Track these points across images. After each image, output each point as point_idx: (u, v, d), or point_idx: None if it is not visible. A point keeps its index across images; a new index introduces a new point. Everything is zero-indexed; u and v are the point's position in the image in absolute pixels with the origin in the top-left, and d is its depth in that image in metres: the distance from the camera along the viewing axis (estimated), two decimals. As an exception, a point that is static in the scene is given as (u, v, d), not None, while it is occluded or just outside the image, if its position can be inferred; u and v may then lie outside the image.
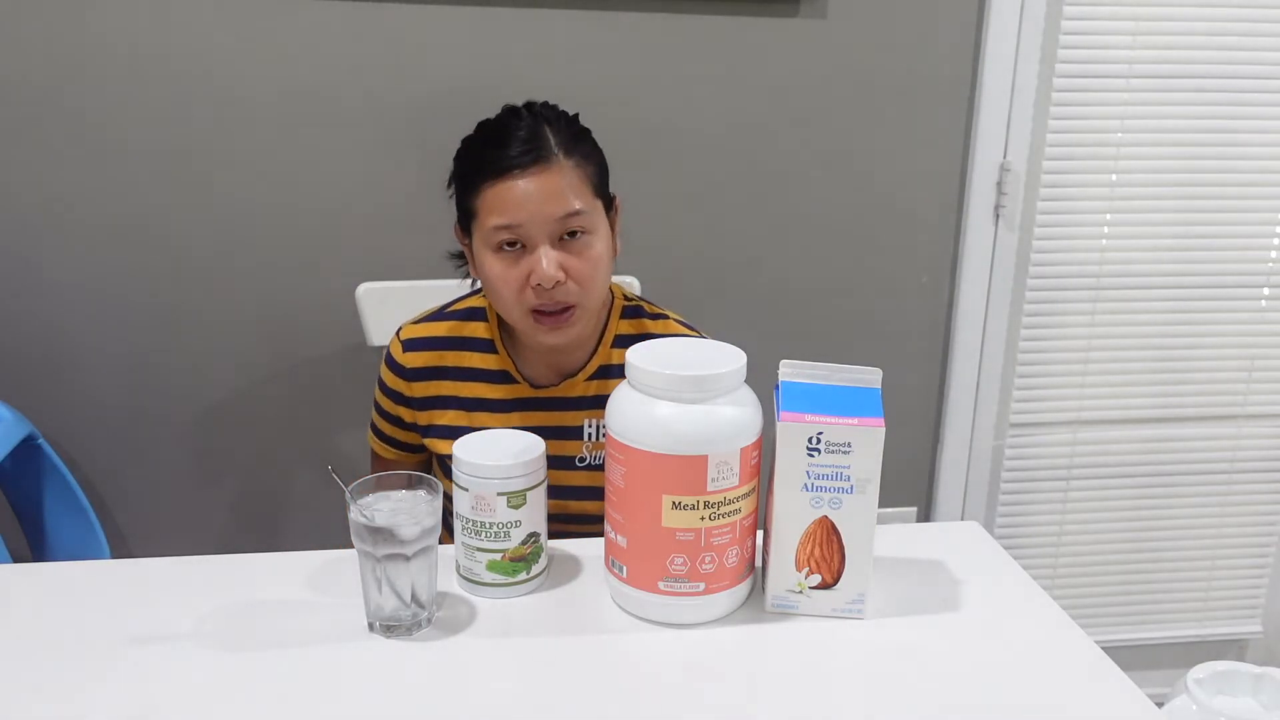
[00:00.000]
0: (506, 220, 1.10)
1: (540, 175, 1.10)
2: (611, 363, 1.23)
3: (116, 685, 0.85)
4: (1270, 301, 1.96)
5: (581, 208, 1.12)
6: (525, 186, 1.10)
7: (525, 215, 1.10)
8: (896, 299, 1.87)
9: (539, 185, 1.10)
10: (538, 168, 1.10)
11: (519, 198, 1.10)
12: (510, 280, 1.13)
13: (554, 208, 1.10)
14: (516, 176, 1.10)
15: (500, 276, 1.13)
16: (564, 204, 1.11)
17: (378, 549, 0.90)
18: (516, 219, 1.10)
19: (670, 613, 0.94)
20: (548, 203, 1.10)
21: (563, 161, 1.12)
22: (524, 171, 1.10)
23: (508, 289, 1.13)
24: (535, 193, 1.10)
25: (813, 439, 0.91)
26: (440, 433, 1.25)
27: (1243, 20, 1.79)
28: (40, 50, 1.55)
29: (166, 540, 1.79)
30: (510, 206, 1.10)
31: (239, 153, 1.63)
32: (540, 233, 1.11)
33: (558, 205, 1.10)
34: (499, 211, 1.11)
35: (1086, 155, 1.84)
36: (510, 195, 1.10)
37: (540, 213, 1.10)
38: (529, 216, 1.10)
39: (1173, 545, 2.10)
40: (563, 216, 1.11)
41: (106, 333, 1.68)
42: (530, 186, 1.10)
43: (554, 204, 1.10)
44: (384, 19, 1.59)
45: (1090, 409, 2.00)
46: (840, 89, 1.73)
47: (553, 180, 1.10)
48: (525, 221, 1.10)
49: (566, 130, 1.15)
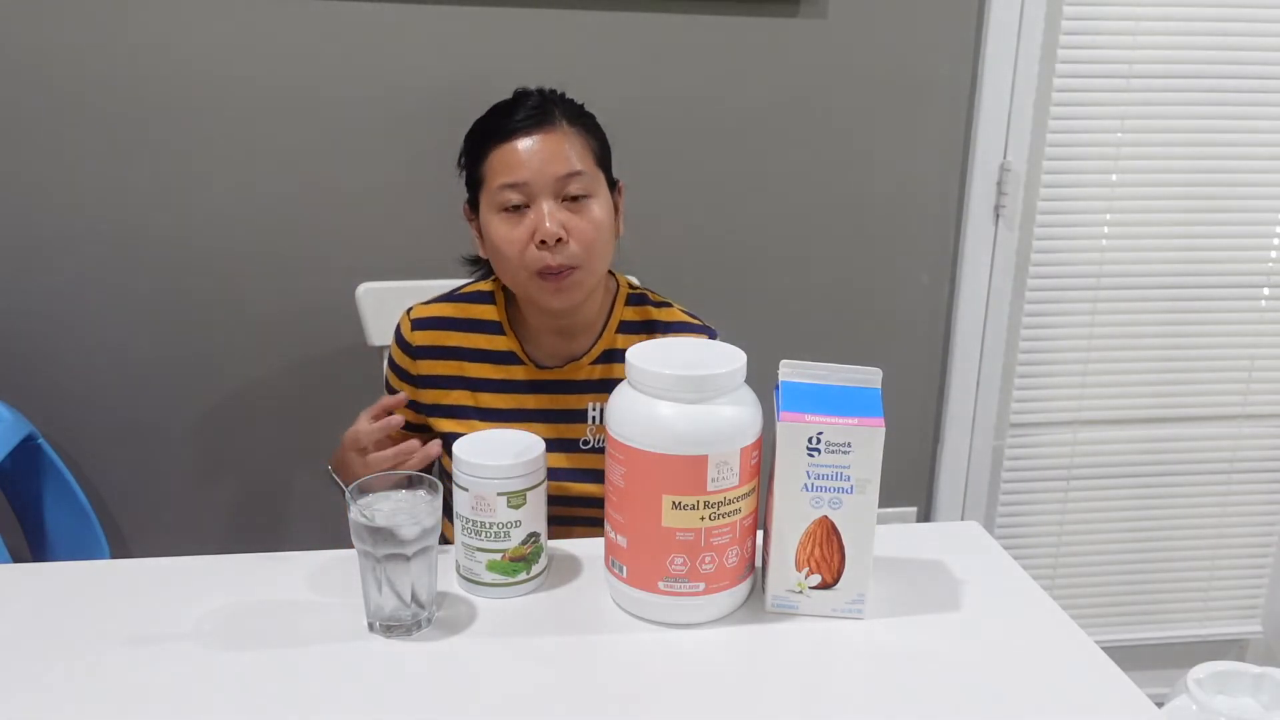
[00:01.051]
0: (511, 179, 1.15)
1: (544, 136, 1.15)
2: (616, 347, 1.25)
3: (116, 685, 0.85)
4: (1270, 301, 1.96)
5: (583, 170, 1.16)
6: (529, 145, 1.15)
7: (529, 173, 1.14)
8: (896, 299, 1.87)
9: (542, 145, 1.15)
10: (542, 130, 1.16)
11: (523, 156, 1.15)
12: (515, 240, 1.16)
13: (556, 166, 1.15)
14: (521, 136, 1.15)
15: (505, 237, 1.16)
16: (566, 164, 1.15)
17: (378, 549, 0.90)
18: (521, 177, 1.14)
19: (670, 613, 0.94)
20: (551, 162, 1.15)
21: (566, 128, 1.17)
22: (528, 133, 1.15)
23: (512, 249, 1.16)
24: (539, 151, 1.15)
25: (813, 439, 0.91)
26: (445, 412, 1.26)
27: (1243, 20, 1.79)
28: (40, 50, 1.55)
29: (166, 540, 1.79)
30: (515, 165, 1.15)
31: (239, 152, 1.63)
32: (543, 190, 1.15)
33: (560, 164, 1.15)
34: (504, 171, 1.15)
35: (1086, 155, 1.84)
36: (515, 156, 1.15)
37: (543, 171, 1.14)
38: (532, 175, 1.14)
39: (1173, 545, 2.10)
40: (564, 175, 1.15)
41: (106, 333, 1.68)
42: (534, 145, 1.15)
43: (557, 163, 1.15)
44: (384, 19, 1.59)
45: (1090, 409, 2.00)
46: (840, 89, 1.73)
47: (556, 141, 1.16)
48: (529, 180, 1.14)
49: (572, 107, 1.21)
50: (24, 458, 1.60)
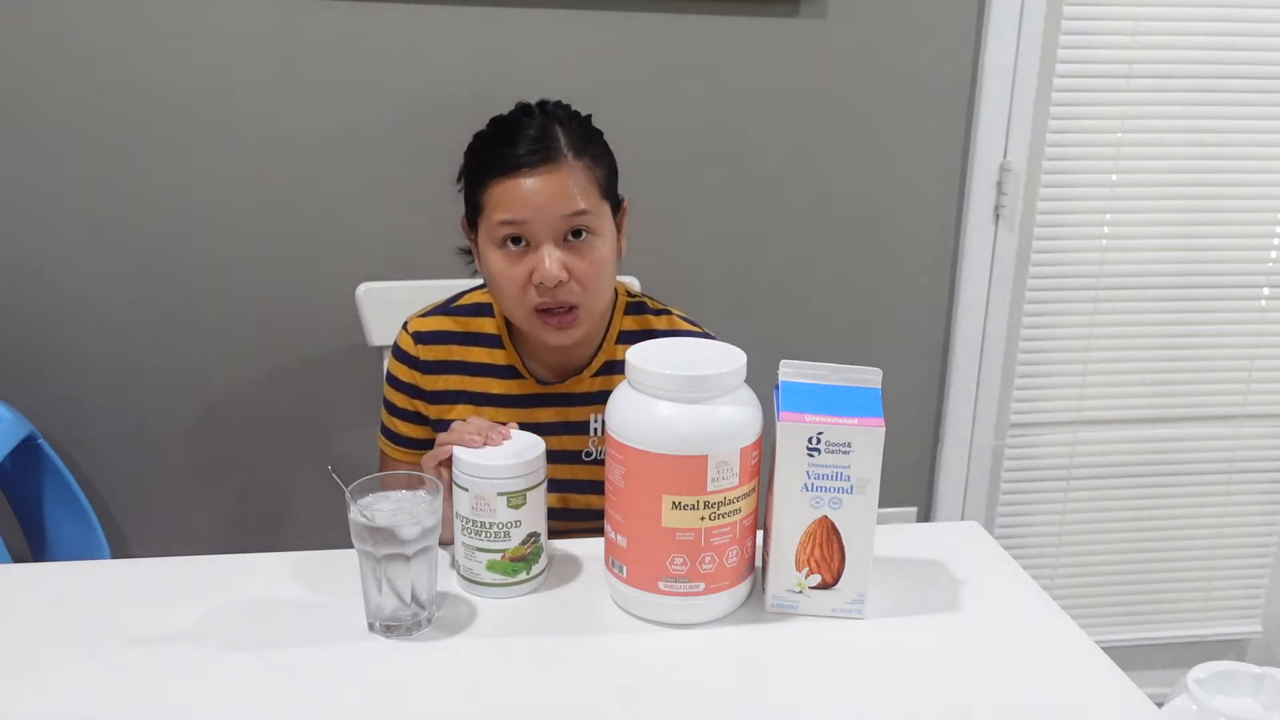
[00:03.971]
0: (511, 216, 1.10)
1: (548, 174, 1.10)
2: (616, 358, 1.24)
3: (116, 685, 0.85)
4: (1270, 301, 1.96)
5: (587, 208, 1.12)
6: (532, 185, 1.10)
7: (530, 213, 1.10)
8: (896, 299, 1.87)
9: (546, 184, 1.10)
10: (546, 167, 1.10)
11: (525, 195, 1.10)
12: (514, 278, 1.13)
13: (560, 206, 1.10)
14: (524, 175, 1.10)
15: (504, 274, 1.13)
16: (570, 203, 1.11)
17: (378, 549, 0.90)
18: (521, 216, 1.10)
19: (670, 613, 0.94)
20: (553, 201, 1.10)
21: (571, 162, 1.12)
22: (532, 170, 1.10)
23: (511, 286, 1.13)
24: (542, 191, 1.10)
25: (813, 439, 0.91)
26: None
27: (1243, 20, 1.79)
28: (39, 50, 1.55)
29: (166, 540, 1.79)
30: (516, 204, 1.10)
31: (239, 153, 1.63)
32: (545, 231, 1.11)
33: (564, 204, 1.10)
34: (505, 208, 1.11)
35: (1086, 155, 1.84)
36: (516, 193, 1.10)
37: (546, 211, 1.10)
38: (534, 214, 1.10)
39: (1173, 545, 2.10)
40: (568, 215, 1.11)
41: (107, 333, 1.68)
42: (537, 185, 1.10)
43: (560, 203, 1.10)
44: (384, 19, 1.59)
45: (1090, 409, 1.99)
46: (840, 89, 1.73)
47: (560, 180, 1.10)
48: (530, 219, 1.10)
49: (578, 131, 1.15)
50: (24, 458, 1.60)
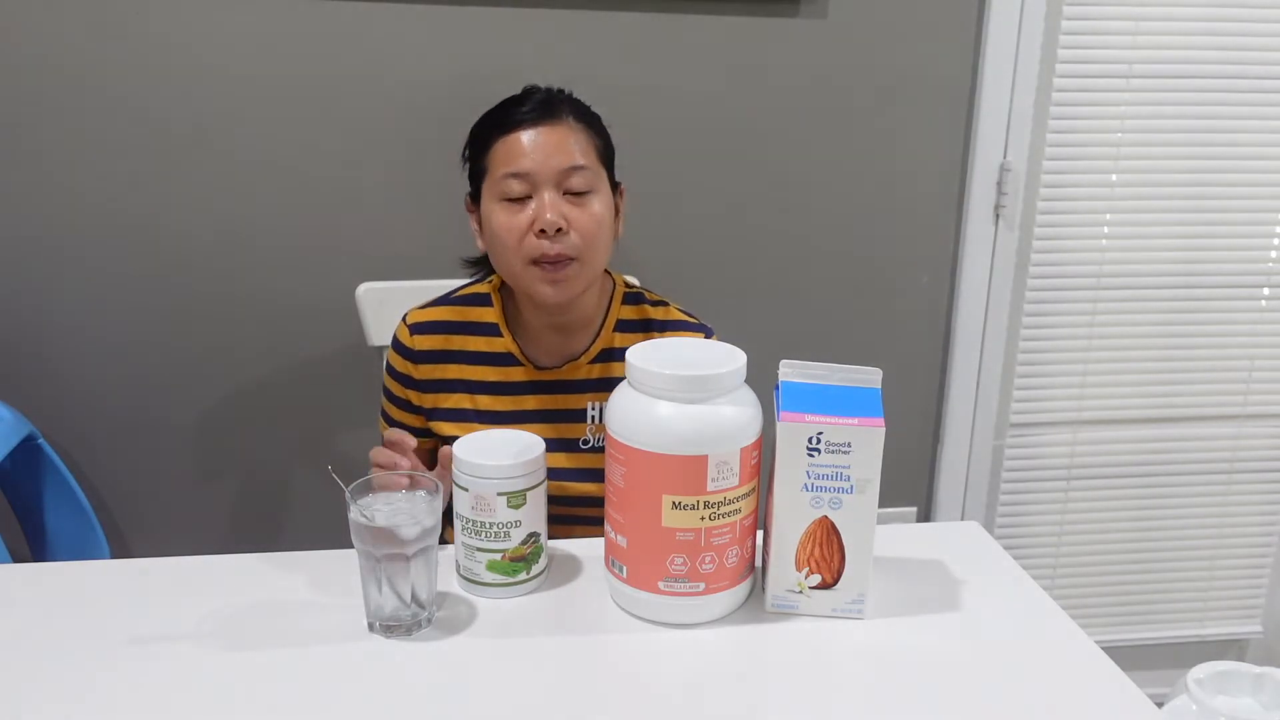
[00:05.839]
0: (514, 168, 1.16)
1: (550, 129, 1.17)
2: (614, 345, 1.26)
3: (117, 685, 0.85)
4: (1270, 301, 1.96)
5: (586, 165, 1.17)
6: (533, 136, 1.16)
7: (532, 164, 1.15)
8: (896, 299, 1.87)
9: (547, 137, 1.16)
10: (548, 123, 1.17)
11: (527, 147, 1.16)
12: (514, 228, 1.16)
13: (560, 159, 1.16)
14: (527, 128, 1.16)
15: (505, 225, 1.17)
16: (569, 157, 1.16)
17: (378, 549, 0.90)
18: (524, 166, 1.15)
19: (670, 613, 0.94)
20: (554, 154, 1.16)
21: (572, 123, 1.19)
22: (534, 124, 1.17)
23: (511, 236, 1.16)
24: (543, 143, 1.16)
25: (813, 439, 0.91)
26: (446, 415, 1.27)
27: (1243, 20, 1.79)
28: (39, 49, 1.55)
29: (166, 540, 1.79)
30: (519, 154, 1.16)
31: (239, 152, 1.63)
32: (546, 181, 1.16)
33: (564, 157, 1.16)
34: (508, 160, 1.16)
35: (1086, 155, 1.84)
36: (519, 145, 1.16)
37: (547, 162, 1.15)
38: (535, 165, 1.15)
39: (1173, 545, 2.10)
40: (567, 168, 1.16)
41: (106, 333, 1.68)
42: (539, 137, 1.16)
43: (560, 155, 1.16)
44: (384, 19, 1.59)
45: (1090, 409, 1.99)
46: (840, 89, 1.73)
47: (561, 135, 1.17)
48: (532, 169, 1.15)
49: (579, 106, 1.22)
50: (24, 458, 1.60)
